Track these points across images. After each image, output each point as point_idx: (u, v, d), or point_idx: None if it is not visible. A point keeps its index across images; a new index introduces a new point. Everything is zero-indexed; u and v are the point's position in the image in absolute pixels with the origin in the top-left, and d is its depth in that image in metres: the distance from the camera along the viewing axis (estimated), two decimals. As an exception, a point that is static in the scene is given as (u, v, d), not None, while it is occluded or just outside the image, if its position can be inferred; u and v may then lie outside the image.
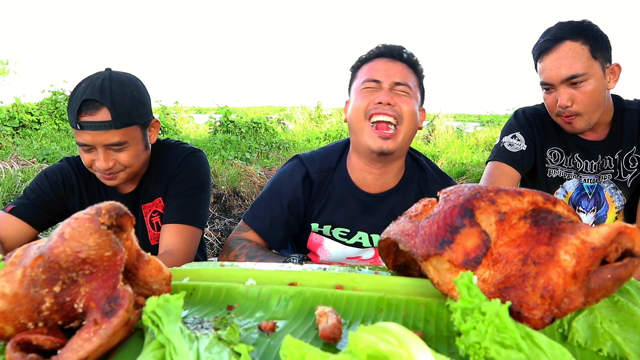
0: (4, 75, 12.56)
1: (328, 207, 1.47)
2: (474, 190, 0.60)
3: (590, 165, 1.67)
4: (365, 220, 1.47)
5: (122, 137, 1.36)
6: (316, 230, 1.51)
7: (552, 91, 1.55)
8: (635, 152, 1.64)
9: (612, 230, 0.53)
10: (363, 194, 1.46)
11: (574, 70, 1.47)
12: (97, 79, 1.37)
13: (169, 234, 1.46)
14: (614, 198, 1.69)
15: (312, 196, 1.46)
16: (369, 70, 1.40)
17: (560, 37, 1.50)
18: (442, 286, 0.58)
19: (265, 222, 1.44)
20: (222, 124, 9.65)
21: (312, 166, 1.47)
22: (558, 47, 1.50)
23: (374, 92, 1.35)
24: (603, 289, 0.53)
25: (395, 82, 1.35)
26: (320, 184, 1.46)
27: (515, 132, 1.70)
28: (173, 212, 1.49)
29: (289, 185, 1.46)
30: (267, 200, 1.47)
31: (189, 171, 1.54)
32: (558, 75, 1.50)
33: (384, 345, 0.41)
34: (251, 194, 5.04)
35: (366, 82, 1.37)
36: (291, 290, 0.66)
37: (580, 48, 1.48)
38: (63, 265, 0.52)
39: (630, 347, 0.52)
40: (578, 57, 1.48)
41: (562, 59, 1.49)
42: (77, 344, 0.48)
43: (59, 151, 6.31)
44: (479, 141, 10.08)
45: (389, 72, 1.37)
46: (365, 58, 1.45)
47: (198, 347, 0.49)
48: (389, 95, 1.33)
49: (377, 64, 1.40)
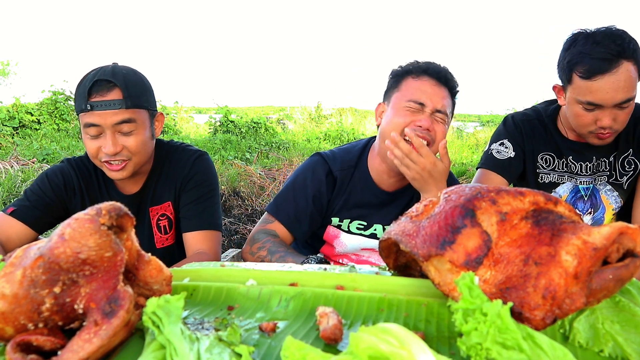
0: (5, 76, 12.56)
1: (349, 203, 1.55)
2: (475, 190, 0.60)
3: (586, 167, 1.65)
4: (382, 213, 1.56)
5: (131, 115, 1.36)
6: (335, 224, 1.58)
7: (595, 111, 1.46)
8: (632, 155, 1.61)
9: (614, 230, 0.53)
10: (381, 192, 1.56)
11: (629, 94, 1.42)
12: (107, 66, 1.40)
13: (195, 241, 1.49)
14: (610, 200, 1.67)
15: (334, 192, 1.54)
16: (415, 89, 1.43)
17: (617, 57, 1.40)
18: (443, 287, 0.58)
19: (290, 214, 1.50)
20: (222, 124, 9.65)
21: (334, 164, 1.55)
22: (617, 70, 1.40)
23: (416, 114, 1.42)
24: (604, 290, 0.53)
25: (437, 110, 1.42)
26: (342, 180, 1.54)
27: (503, 140, 1.68)
28: (195, 219, 1.51)
29: (312, 179, 1.53)
30: (291, 194, 1.53)
31: (201, 175, 1.55)
32: (613, 99, 1.41)
33: (385, 346, 0.41)
34: (251, 194, 5.04)
35: (411, 103, 1.42)
36: (292, 290, 0.66)
37: (634, 69, 1.42)
38: (63, 266, 0.51)
39: (631, 348, 0.52)
40: (632, 80, 1.42)
41: (621, 81, 1.40)
42: (78, 345, 0.48)
43: (59, 151, 6.32)
44: (479, 141, 10.09)
45: (434, 98, 1.42)
46: (411, 70, 1.48)
47: (199, 348, 0.48)
48: (429, 121, 1.41)
49: (424, 84, 1.44)
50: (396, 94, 1.48)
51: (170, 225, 1.57)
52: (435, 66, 1.47)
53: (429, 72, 1.45)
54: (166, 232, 1.57)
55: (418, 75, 1.45)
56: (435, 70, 1.45)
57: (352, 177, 1.55)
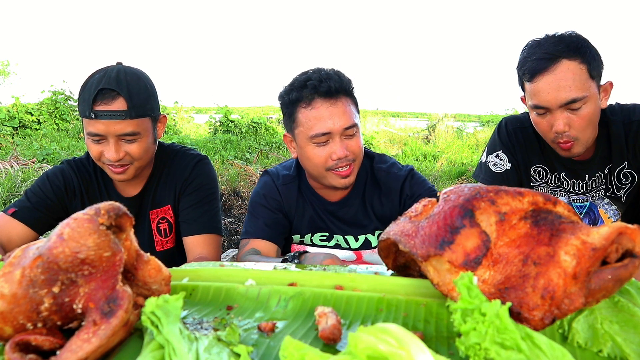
0: (5, 76, 12.57)
1: (304, 216, 1.54)
2: (474, 190, 0.60)
3: (578, 185, 1.59)
4: (336, 224, 1.54)
5: (135, 127, 1.36)
6: (297, 241, 1.57)
7: (546, 115, 1.41)
8: (627, 167, 1.53)
9: (613, 230, 0.53)
10: (328, 203, 1.54)
11: (574, 95, 1.33)
12: (112, 70, 1.37)
13: (195, 245, 1.49)
14: (609, 214, 1.62)
15: (286, 206, 1.53)
16: (314, 121, 1.35)
17: (556, 55, 1.35)
18: (442, 287, 0.58)
19: (261, 227, 1.49)
20: (222, 124, 9.65)
21: (277, 179, 1.55)
22: (555, 68, 1.34)
23: (326, 145, 1.36)
24: (603, 290, 0.53)
25: (345, 128, 1.35)
26: (287, 194, 1.53)
27: (498, 151, 1.63)
28: (194, 223, 1.51)
29: (267, 194, 1.53)
30: (254, 213, 1.52)
31: (201, 179, 1.55)
32: (556, 99, 1.35)
33: (384, 346, 0.41)
34: (251, 193, 5.03)
35: (315, 137, 1.35)
36: (291, 290, 0.66)
37: (579, 68, 1.34)
38: (62, 266, 0.51)
39: (630, 348, 0.52)
40: (577, 78, 1.34)
41: (561, 80, 1.34)
42: (76, 345, 0.48)
43: (59, 151, 6.32)
44: (479, 141, 10.07)
45: (336, 120, 1.34)
46: (300, 98, 1.38)
47: (197, 348, 0.48)
48: (342, 147, 1.35)
49: (319, 111, 1.34)
50: (297, 130, 1.40)
51: (170, 228, 1.58)
52: (321, 81, 1.35)
53: (319, 92, 1.35)
54: (166, 235, 1.57)
55: (309, 103, 1.35)
56: (324, 87, 1.34)
57: (297, 191, 1.53)
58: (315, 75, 1.38)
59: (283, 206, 1.52)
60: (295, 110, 1.39)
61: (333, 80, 1.36)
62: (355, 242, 1.54)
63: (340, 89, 1.37)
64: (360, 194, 1.53)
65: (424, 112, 22.82)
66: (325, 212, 1.53)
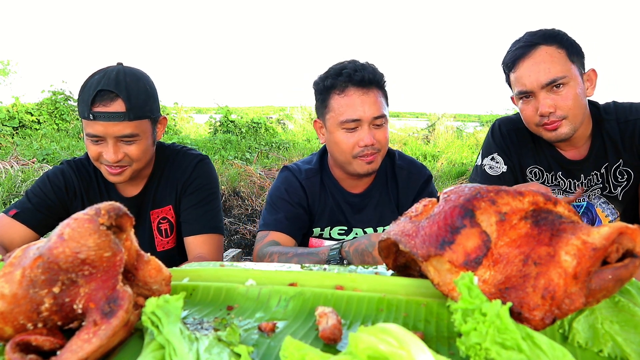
0: (5, 75, 12.58)
1: (325, 210, 1.57)
2: (475, 190, 0.60)
3: (574, 185, 1.59)
4: (356, 217, 1.57)
5: (134, 129, 1.36)
6: (317, 234, 1.59)
7: (531, 100, 1.45)
8: (623, 165, 1.54)
9: (613, 230, 0.53)
10: (350, 195, 1.58)
11: (554, 74, 1.39)
12: (112, 71, 1.37)
13: (195, 245, 1.49)
14: (606, 213, 1.62)
15: (309, 201, 1.56)
16: (346, 107, 1.41)
17: (534, 43, 1.42)
18: (442, 287, 0.58)
19: (281, 220, 1.51)
20: (222, 124, 9.65)
21: (299, 174, 1.58)
22: (533, 53, 1.41)
23: (355, 132, 1.42)
24: (604, 290, 0.53)
25: (374, 117, 1.41)
26: (310, 188, 1.56)
27: (493, 154, 1.64)
28: (195, 222, 1.51)
29: (289, 188, 1.55)
30: (274, 206, 1.54)
31: (202, 179, 1.55)
32: (538, 80, 1.40)
33: (384, 346, 0.41)
34: (251, 194, 5.04)
35: (346, 123, 1.41)
36: (291, 290, 0.66)
37: (557, 52, 1.40)
38: (62, 266, 0.51)
39: (631, 348, 0.52)
40: (556, 60, 1.39)
41: (540, 63, 1.40)
42: (77, 345, 0.48)
43: (58, 151, 6.32)
44: (479, 141, 10.08)
45: (366, 109, 1.40)
46: (334, 85, 1.44)
47: (198, 348, 0.48)
48: (370, 136, 1.41)
49: (351, 98, 1.41)
50: (328, 115, 1.46)
51: (171, 228, 1.58)
52: (356, 71, 1.42)
53: (353, 81, 1.41)
54: (167, 235, 1.57)
55: (343, 90, 1.42)
56: (358, 77, 1.41)
57: (320, 184, 1.57)
58: (350, 65, 1.44)
59: (306, 201, 1.55)
60: (329, 97, 1.45)
61: (367, 71, 1.42)
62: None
63: (373, 80, 1.43)
64: (381, 185, 1.58)
65: (423, 112, 22.83)
66: (346, 204, 1.57)
